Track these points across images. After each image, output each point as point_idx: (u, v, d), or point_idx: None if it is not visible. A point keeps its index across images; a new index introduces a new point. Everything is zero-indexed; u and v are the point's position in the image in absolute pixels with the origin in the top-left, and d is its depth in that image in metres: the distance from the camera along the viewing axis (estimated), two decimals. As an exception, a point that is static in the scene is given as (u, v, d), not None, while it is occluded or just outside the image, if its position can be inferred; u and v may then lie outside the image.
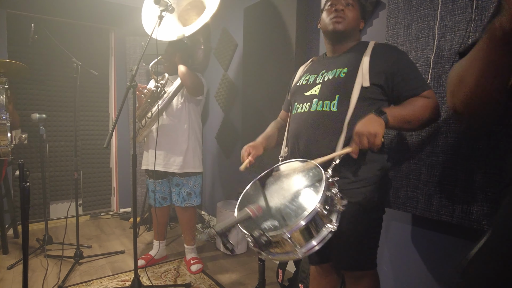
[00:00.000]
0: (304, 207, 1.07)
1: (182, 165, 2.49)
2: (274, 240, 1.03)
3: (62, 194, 3.70)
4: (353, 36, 1.42)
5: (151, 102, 2.40)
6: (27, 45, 3.28)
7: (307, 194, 1.12)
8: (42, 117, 2.73)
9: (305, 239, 1.05)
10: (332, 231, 1.07)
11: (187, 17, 2.48)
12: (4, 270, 2.55)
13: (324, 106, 1.32)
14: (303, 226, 1.03)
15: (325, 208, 1.06)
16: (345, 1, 1.39)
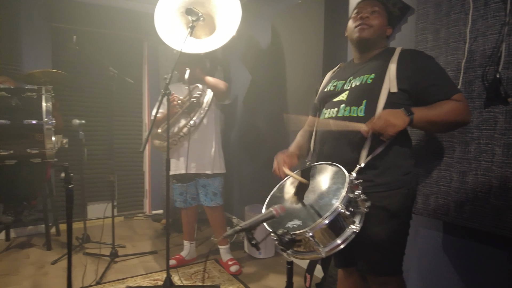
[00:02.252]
0: (326, 207, 1.11)
1: (211, 167, 2.62)
2: (297, 239, 1.09)
3: (98, 195, 3.90)
4: (379, 43, 1.43)
5: (188, 113, 2.52)
6: (69, 55, 3.51)
7: (330, 195, 1.16)
8: (81, 122, 2.91)
9: (328, 239, 1.10)
10: (355, 232, 1.10)
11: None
12: (48, 265, 2.73)
13: (351, 112, 1.35)
14: (325, 225, 1.07)
15: (347, 209, 1.10)
16: (371, 8, 1.40)
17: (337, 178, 1.20)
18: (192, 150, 2.57)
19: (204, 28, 2.49)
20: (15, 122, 2.48)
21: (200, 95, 2.56)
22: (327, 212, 1.08)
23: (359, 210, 1.15)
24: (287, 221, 1.16)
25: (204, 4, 2.43)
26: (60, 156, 3.48)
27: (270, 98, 3.04)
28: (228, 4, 2.35)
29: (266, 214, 1.09)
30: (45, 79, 2.91)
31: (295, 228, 1.11)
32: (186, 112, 2.55)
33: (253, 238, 1.04)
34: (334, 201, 1.10)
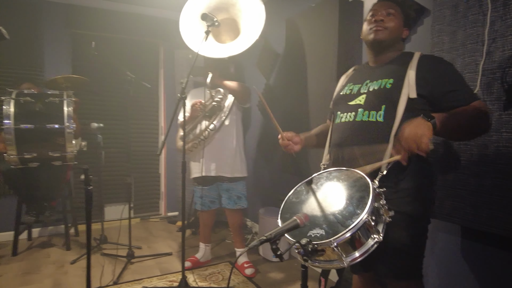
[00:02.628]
0: (351, 217, 1.08)
1: (232, 170, 2.65)
2: (320, 248, 1.06)
3: (115, 197, 3.98)
4: (395, 46, 1.42)
5: (209, 116, 2.56)
6: (88, 60, 3.62)
7: (354, 204, 1.13)
8: (100, 126, 2.99)
9: (351, 249, 1.07)
10: (377, 242, 1.08)
11: (217, 33, 2.61)
12: (67, 264, 2.81)
13: (370, 116, 1.33)
14: (349, 236, 1.04)
15: (372, 219, 1.07)
16: (386, 11, 1.39)
17: (360, 186, 1.17)
18: (212, 153, 2.61)
19: (229, 32, 2.53)
20: (38, 126, 2.56)
21: (221, 99, 2.59)
22: (353, 223, 1.05)
23: (382, 219, 1.12)
24: (308, 229, 1.12)
25: (229, 9, 2.47)
26: (79, 159, 3.57)
27: (284, 101, 3.05)
28: (253, 8, 2.38)
29: (290, 223, 1.07)
30: (67, 84, 3.01)
31: (317, 237, 1.08)
32: (207, 115, 2.59)
33: (277, 249, 1.02)
34: (360, 211, 1.07)
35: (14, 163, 2.57)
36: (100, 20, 3.67)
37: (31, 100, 2.59)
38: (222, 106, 2.60)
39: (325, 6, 2.45)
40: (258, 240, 1.02)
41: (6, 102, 2.51)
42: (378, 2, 1.45)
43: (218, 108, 2.60)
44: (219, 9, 2.51)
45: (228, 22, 2.57)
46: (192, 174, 2.78)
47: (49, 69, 3.46)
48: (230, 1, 2.47)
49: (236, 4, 2.44)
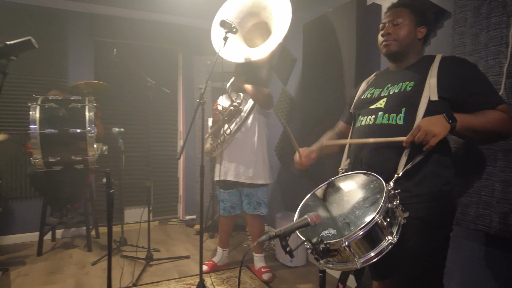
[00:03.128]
0: (363, 217, 1.09)
1: (251, 177, 2.62)
2: (332, 248, 1.07)
3: (135, 200, 4.06)
4: (412, 50, 1.41)
5: (228, 120, 2.58)
6: (109, 67, 3.72)
7: (367, 205, 1.14)
8: (120, 131, 3.07)
9: (364, 250, 1.07)
10: (391, 243, 1.07)
11: (250, 37, 2.63)
12: (89, 265, 2.88)
13: (390, 119, 1.32)
14: (361, 235, 1.05)
15: (385, 220, 1.07)
16: (393, 21, 1.39)
17: (374, 188, 1.18)
18: (231, 157, 2.62)
19: (263, 36, 2.54)
20: (62, 131, 2.66)
21: (240, 104, 2.59)
22: (364, 222, 1.06)
23: (396, 221, 1.11)
24: (322, 229, 1.14)
25: (260, 12, 2.49)
26: (101, 163, 3.68)
27: (302, 106, 3.05)
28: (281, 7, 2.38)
29: (300, 222, 1.08)
30: (89, 90, 3.12)
31: (329, 237, 1.10)
32: (226, 119, 2.60)
33: (287, 245, 1.04)
34: (372, 211, 1.08)
35: (39, 166, 2.68)
36: (121, 28, 3.78)
37: (55, 106, 2.70)
38: (240, 110, 2.61)
39: (343, 10, 2.44)
40: (268, 235, 1.04)
41: (32, 108, 2.62)
42: (387, 11, 1.45)
43: (236, 112, 2.60)
44: (251, 14, 2.54)
45: (261, 26, 2.59)
46: (215, 176, 2.80)
47: (73, 75, 3.58)
48: (261, 5, 2.48)
49: (267, 7, 2.46)
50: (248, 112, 2.61)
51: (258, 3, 2.51)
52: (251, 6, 2.54)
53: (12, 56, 1.57)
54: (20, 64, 3.29)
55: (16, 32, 2.01)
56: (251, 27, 2.60)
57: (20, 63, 3.00)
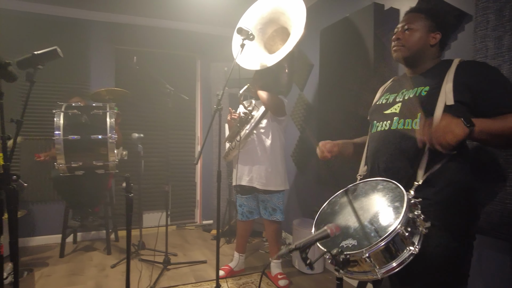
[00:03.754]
0: (384, 227, 1.07)
1: (265, 183, 2.62)
2: (352, 259, 1.05)
3: (153, 204, 4.12)
4: (425, 56, 1.38)
5: (240, 126, 2.60)
6: (130, 74, 3.82)
7: (387, 214, 1.11)
8: (140, 136, 3.13)
9: (385, 260, 1.05)
10: (413, 254, 1.05)
11: (272, 43, 2.65)
12: (108, 268, 2.94)
13: (405, 124, 1.31)
14: (382, 246, 1.03)
15: (406, 230, 1.05)
16: (405, 26, 1.38)
17: (394, 196, 1.15)
18: (245, 163, 2.64)
19: (284, 41, 2.56)
20: (84, 137, 2.74)
21: (251, 110, 2.61)
22: (386, 233, 1.03)
23: (418, 231, 1.09)
24: (341, 240, 1.13)
25: (280, 18, 2.51)
26: (121, 168, 3.76)
27: (319, 111, 3.04)
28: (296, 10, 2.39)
29: (320, 233, 1.07)
30: (109, 96, 3.21)
31: (349, 248, 1.08)
32: (239, 126, 2.62)
33: (307, 258, 1.02)
34: (393, 221, 1.06)
35: (62, 171, 2.77)
36: (141, 36, 3.88)
37: (78, 113, 2.79)
38: (251, 117, 2.62)
39: (360, 16, 2.43)
40: (287, 248, 1.03)
41: (56, 115, 2.72)
42: (403, 16, 1.44)
43: (248, 119, 2.61)
44: (271, 21, 2.57)
45: (281, 31, 2.61)
46: (233, 182, 2.83)
47: (95, 82, 3.69)
48: (280, 10, 2.50)
49: (285, 12, 2.47)
50: (259, 118, 2.61)
51: (276, 8, 2.53)
52: (271, 12, 2.56)
53: (39, 65, 1.64)
54: (45, 72, 3.42)
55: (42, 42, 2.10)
56: (272, 33, 2.62)
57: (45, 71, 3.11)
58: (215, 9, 3.50)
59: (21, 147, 3.43)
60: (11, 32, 3.35)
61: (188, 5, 3.46)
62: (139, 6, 3.54)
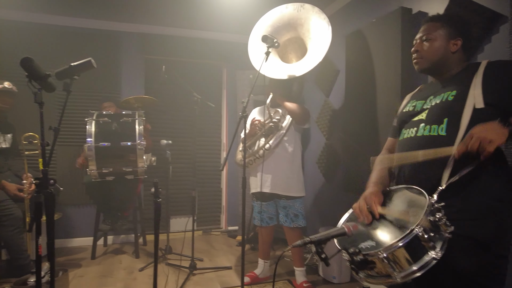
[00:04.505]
0: (403, 229, 1.06)
1: (288, 189, 2.63)
2: (370, 260, 1.04)
3: (180, 209, 4.20)
4: (448, 63, 1.35)
5: (266, 135, 2.62)
6: (158, 83, 3.93)
7: (408, 217, 1.11)
8: (168, 143, 3.22)
9: (404, 263, 1.03)
10: (435, 259, 1.02)
11: (284, 51, 2.67)
12: (136, 271, 3.02)
13: (431, 131, 1.27)
14: (399, 247, 1.02)
15: (426, 233, 1.03)
16: (423, 36, 1.37)
17: (416, 201, 1.14)
18: (268, 170, 2.64)
19: (296, 51, 2.59)
20: (114, 144, 2.85)
21: (279, 120, 2.63)
22: (403, 234, 1.03)
23: (440, 236, 1.06)
24: (361, 241, 1.13)
25: (297, 28, 2.55)
26: (149, 173, 3.87)
27: (344, 119, 3.00)
28: (320, 29, 2.42)
29: (337, 230, 1.08)
30: (138, 104, 3.32)
31: (368, 248, 1.08)
32: (264, 134, 2.64)
33: (322, 252, 1.03)
34: (412, 223, 1.05)
35: (94, 176, 2.88)
36: (169, 46, 4.00)
37: (108, 121, 2.91)
38: (279, 126, 2.63)
39: (387, 20, 2.39)
40: (303, 241, 1.04)
41: (88, 123, 2.84)
42: (421, 26, 1.42)
43: (275, 128, 2.63)
44: (286, 30, 2.60)
45: (295, 41, 2.64)
46: (251, 189, 2.83)
47: (126, 91, 3.84)
48: (298, 21, 2.54)
49: (304, 24, 2.51)
50: (287, 128, 2.63)
51: (295, 19, 2.56)
52: (287, 21, 2.59)
53: (75, 76, 1.73)
54: (80, 82, 3.60)
55: (78, 54, 2.24)
56: (285, 42, 2.64)
57: (79, 81, 3.29)
58: (240, 18, 3.55)
59: (57, 153, 3.61)
60: (50, 45, 3.55)
61: (214, 15, 3.54)
62: (167, 17, 3.66)
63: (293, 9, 2.59)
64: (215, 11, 3.43)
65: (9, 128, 2.98)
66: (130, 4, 3.32)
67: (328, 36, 2.39)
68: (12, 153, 2.99)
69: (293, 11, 2.59)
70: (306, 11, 2.53)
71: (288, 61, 2.67)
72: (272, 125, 2.62)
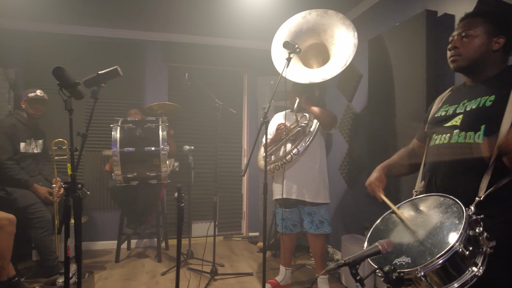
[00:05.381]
0: (441, 245, 1.00)
1: (315, 196, 2.61)
2: (407, 277, 1.00)
3: (201, 215, 4.24)
4: (488, 63, 1.27)
5: (293, 140, 2.61)
6: (181, 90, 4.02)
7: (445, 231, 1.05)
8: (191, 148, 3.26)
9: (443, 281, 0.99)
10: (476, 276, 0.96)
11: (306, 57, 2.67)
12: (158, 275, 3.06)
13: (467, 138, 1.21)
14: (439, 265, 0.97)
15: (466, 248, 0.98)
16: (463, 33, 1.28)
17: (452, 213, 1.08)
18: (294, 176, 2.62)
19: (317, 57, 2.59)
20: (138, 149, 2.92)
21: (306, 125, 2.62)
22: (442, 251, 0.97)
23: (481, 251, 1.01)
24: (395, 257, 1.08)
25: (320, 34, 2.55)
26: (172, 178, 3.93)
27: (367, 124, 2.95)
28: (344, 35, 2.42)
29: (371, 249, 1.03)
30: (161, 110, 3.39)
31: (403, 265, 1.03)
32: (291, 139, 2.63)
33: (357, 274, 0.99)
34: (451, 239, 0.99)
35: (119, 181, 2.96)
36: (192, 54, 4.07)
37: (133, 126, 2.99)
38: (306, 131, 2.62)
39: (411, 24, 2.34)
40: (336, 263, 1.00)
41: (114, 129, 2.93)
42: (459, 22, 1.34)
43: (303, 133, 2.61)
44: (309, 35, 2.60)
45: (317, 47, 2.64)
46: (274, 195, 2.82)
47: (150, 98, 3.94)
48: (321, 27, 2.54)
49: (328, 30, 2.51)
50: (315, 132, 2.61)
51: (318, 25, 2.56)
52: (311, 27, 2.59)
53: (102, 84, 1.79)
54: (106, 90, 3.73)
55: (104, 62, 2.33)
56: (307, 47, 2.64)
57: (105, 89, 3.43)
58: (261, 25, 3.58)
59: (84, 158, 3.73)
60: (78, 55, 3.70)
61: (235, 22, 3.58)
62: (190, 25, 3.74)
63: (317, 15, 2.59)
64: (237, 18, 3.47)
65: (40, 134, 3.11)
66: (155, 14, 3.42)
67: (354, 41, 2.38)
68: (43, 158, 3.12)
69: (316, 17, 2.58)
70: (330, 17, 2.53)
71: (309, 67, 2.66)
72: (300, 129, 2.61)
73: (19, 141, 2.87)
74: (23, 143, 2.90)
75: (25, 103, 2.92)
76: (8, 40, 3.56)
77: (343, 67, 2.37)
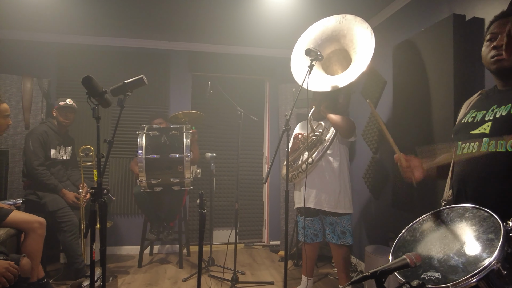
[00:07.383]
0: (475, 262, 0.94)
1: (334, 205, 2.56)
2: None
3: (222, 221, 4.25)
4: None
5: (309, 149, 2.59)
6: (204, 98, 4.07)
7: (479, 247, 0.98)
8: (213, 155, 3.29)
9: None
10: None
11: (328, 64, 2.65)
12: (180, 281, 3.08)
13: (498, 146, 1.15)
14: (473, 283, 0.90)
15: (504, 268, 0.91)
16: (505, 31, 1.19)
17: (488, 227, 1.01)
18: (312, 185, 2.59)
19: (341, 62, 2.57)
20: (163, 156, 2.98)
21: (322, 133, 2.59)
22: (478, 269, 0.91)
23: None
24: (423, 271, 1.02)
25: (340, 40, 2.54)
26: (194, 185, 3.98)
27: (392, 131, 2.87)
28: (363, 38, 2.39)
29: (398, 262, 0.98)
30: (185, 118, 3.45)
31: (432, 280, 0.97)
32: (308, 148, 2.61)
33: (383, 286, 0.96)
34: (486, 256, 0.93)
35: (143, 187, 3.02)
36: (215, 63, 4.14)
37: (158, 134, 3.05)
38: (322, 139, 2.59)
39: (437, 29, 2.28)
40: (362, 275, 0.96)
41: (139, 136, 3.00)
42: (495, 21, 1.25)
43: (319, 142, 2.59)
44: (330, 42, 2.59)
45: (339, 52, 2.62)
46: (295, 204, 2.79)
47: (174, 106, 4.02)
48: (341, 33, 2.52)
49: (347, 35, 2.48)
50: (330, 141, 2.58)
51: (337, 31, 2.54)
52: (331, 33, 2.58)
53: (128, 92, 1.85)
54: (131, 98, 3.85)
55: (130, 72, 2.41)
56: (329, 54, 2.62)
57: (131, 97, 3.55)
58: (282, 33, 3.60)
59: (109, 164, 3.84)
60: (105, 65, 3.84)
61: (257, 31, 3.62)
62: (213, 35, 3.81)
63: (335, 21, 2.57)
64: (258, 27, 3.51)
65: (69, 141, 3.24)
66: (179, 24, 3.51)
67: (372, 44, 2.33)
68: (71, 164, 3.25)
69: (335, 23, 2.57)
70: (348, 22, 2.50)
71: (333, 73, 2.63)
72: (315, 138, 2.58)
73: (50, 147, 2.99)
74: (54, 150, 3.02)
75: (56, 111, 3.05)
76: (42, 52, 3.76)
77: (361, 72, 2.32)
